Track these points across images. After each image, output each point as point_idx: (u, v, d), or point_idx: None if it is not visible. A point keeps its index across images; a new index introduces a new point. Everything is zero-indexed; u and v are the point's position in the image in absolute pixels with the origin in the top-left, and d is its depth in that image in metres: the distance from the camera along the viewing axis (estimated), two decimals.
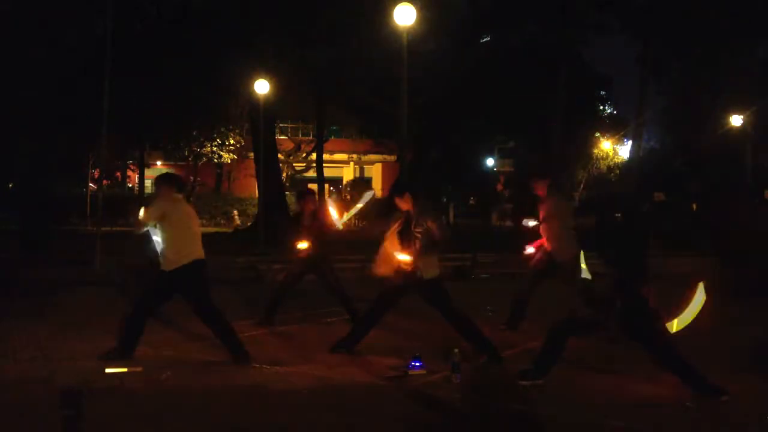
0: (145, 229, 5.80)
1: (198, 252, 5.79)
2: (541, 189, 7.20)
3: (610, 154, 36.13)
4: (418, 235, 5.73)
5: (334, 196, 40.58)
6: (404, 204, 5.89)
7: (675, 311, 5.09)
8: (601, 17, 26.79)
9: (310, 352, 6.21)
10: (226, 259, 12.83)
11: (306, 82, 24.32)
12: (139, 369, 5.45)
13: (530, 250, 7.25)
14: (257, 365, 5.65)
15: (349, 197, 37.44)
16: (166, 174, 6.66)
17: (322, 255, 7.49)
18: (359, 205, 7.62)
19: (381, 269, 5.92)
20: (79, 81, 17.24)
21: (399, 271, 5.80)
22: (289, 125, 38.23)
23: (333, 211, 7.26)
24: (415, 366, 5.45)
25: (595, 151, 35.03)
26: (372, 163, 41.27)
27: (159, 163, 37.63)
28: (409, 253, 5.71)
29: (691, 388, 4.87)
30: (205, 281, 5.87)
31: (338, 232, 7.29)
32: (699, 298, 5.04)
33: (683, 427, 4.37)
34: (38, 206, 16.27)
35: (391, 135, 29.84)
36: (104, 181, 24.88)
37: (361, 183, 38.80)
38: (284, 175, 31.58)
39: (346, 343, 6.13)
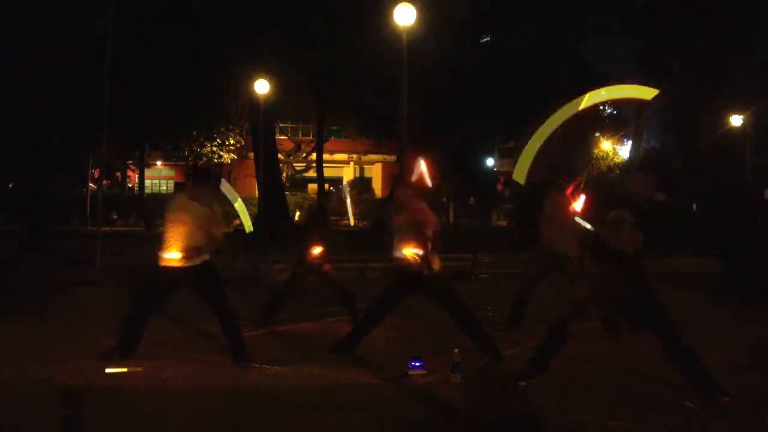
0: None
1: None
2: (568, 189, 7.18)
3: (610, 154, 36.10)
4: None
5: (334, 196, 40.56)
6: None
7: None
8: (601, 17, 26.83)
9: (310, 352, 6.20)
10: (226, 259, 12.81)
11: (306, 82, 24.33)
12: (139, 369, 5.44)
13: None
14: (257, 365, 5.65)
15: (348, 197, 37.42)
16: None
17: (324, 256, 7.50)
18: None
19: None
20: (79, 81, 17.26)
21: (409, 264, 5.77)
22: (289, 125, 38.23)
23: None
24: (415, 366, 5.45)
25: (595, 151, 34.99)
26: (372, 163, 41.25)
27: (159, 163, 37.67)
28: (419, 247, 5.69)
29: (691, 380, 4.86)
30: (217, 279, 5.87)
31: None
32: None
33: (683, 428, 4.37)
34: (38, 206, 16.28)
35: (391, 135, 29.84)
36: (104, 181, 24.90)
37: (361, 183, 38.80)
38: (284, 175, 31.60)
39: (346, 342, 6.13)
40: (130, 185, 37.21)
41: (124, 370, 5.42)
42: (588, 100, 5.32)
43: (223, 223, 6.29)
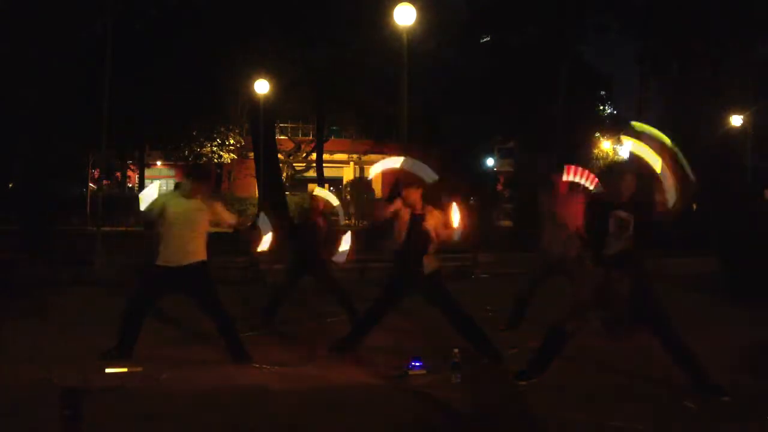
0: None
1: (200, 251, 5.78)
2: (562, 186, 7.13)
3: (610, 154, 36.11)
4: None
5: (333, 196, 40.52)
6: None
7: None
8: (601, 17, 26.86)
9: (310, 352, 6.21)
10: (226, 259, 12.80)
11: (306, 82, 24.33)
12: (139, 369, 5.44)
13: None
14: (257, 365, 5.65)
15: (349, 197, 37.44)
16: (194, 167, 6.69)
17: (318, 256, 7.48)
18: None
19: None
20: (78, 81, 17.25)
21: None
22: (289, 125, 38.20)
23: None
24: (415, 366, 5.45)
25: (595, 151, 35.00)
26: (372, 163, 41.22)
27: (159, 163, 37.67)
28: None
29: (691, 380, 4.86)
30: (209, 278, 5.87)
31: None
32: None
33: (683, 428, 4.37)
34: (38, 206, 16.27)
35: (391, 135, 29.85)
36: (104, 181, 24.90)
37: (361, 183, 38.77)
38: (284, 175, 31.59)
39: (346, 342, 6.13)
40: (130, 185, 37.21)
41: (124, 370, 5.42)
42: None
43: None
